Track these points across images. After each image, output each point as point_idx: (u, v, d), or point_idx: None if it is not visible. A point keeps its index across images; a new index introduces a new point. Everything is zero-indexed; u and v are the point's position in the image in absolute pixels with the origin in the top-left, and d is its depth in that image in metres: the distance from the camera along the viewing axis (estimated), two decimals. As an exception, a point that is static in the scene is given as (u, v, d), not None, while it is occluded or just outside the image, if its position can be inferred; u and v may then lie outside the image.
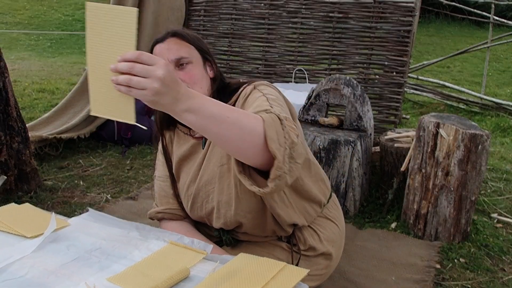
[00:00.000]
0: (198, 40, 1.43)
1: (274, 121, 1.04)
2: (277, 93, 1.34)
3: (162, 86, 0.94)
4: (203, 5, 4.31)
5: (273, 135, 1.02)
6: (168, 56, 1.35)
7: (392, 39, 3.65)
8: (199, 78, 1.38)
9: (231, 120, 1.01)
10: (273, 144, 1.01)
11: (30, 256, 1.17)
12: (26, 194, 2.84)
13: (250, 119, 1.03)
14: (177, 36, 1.39)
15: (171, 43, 1.38)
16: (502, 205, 3.00)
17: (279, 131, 1.03)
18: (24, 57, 7.93)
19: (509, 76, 7.88)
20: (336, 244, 1.63)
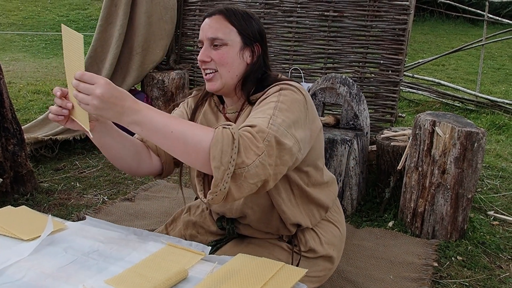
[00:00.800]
0: (245, 23, 1.40)
1: (224, 139, 1.07)
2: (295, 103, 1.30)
3: (101, 103, 1.05)
4: (198, 4, 4.30)
5: (217, 153, 1.05)
6: (206, 34, 1.38)
7: (387, 37, 3.65)
8: (228, 61, 1.38)
9: (175, 135, 1.08)
10: (214, 163, 1.05)
11: (27, 259, 1.16)
12: (22, 197, 2.82)
13: (196, 134, 1.08)
14: (223, 15, 1.39)
15: (214, 21, 1.39)
16: (498, 202, 3.01)
17: (225, 150, 1.06)
18: (19, 58, 7.89)
19: (503, 74, 7.91)
20: (337, 247, 1.63)
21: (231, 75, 1.39)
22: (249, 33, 1.40)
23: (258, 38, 1.42)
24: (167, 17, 4.08)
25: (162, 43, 4.10)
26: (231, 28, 1.38)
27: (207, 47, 1.39)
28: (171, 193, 2.99)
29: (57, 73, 6.81)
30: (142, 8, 3.95)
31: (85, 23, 11.15)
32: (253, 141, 1.11)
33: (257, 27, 1.42)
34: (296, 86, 1.36)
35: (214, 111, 1.52)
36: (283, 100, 1.28)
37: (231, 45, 1.38)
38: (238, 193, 1.10)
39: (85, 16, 11.57)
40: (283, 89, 1.33)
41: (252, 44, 1.41)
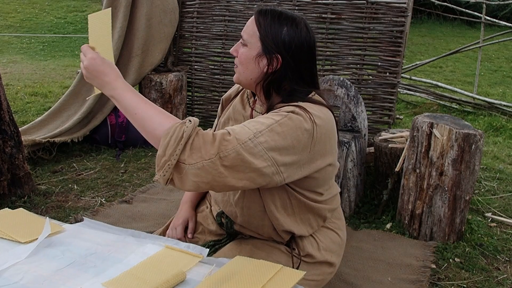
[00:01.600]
0: (272, 30, 1.34)
1: (174, 133, 1.18)
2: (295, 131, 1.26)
3: (86, 72, 1.31)
4: (196, 7, 4.30)
5: (163, 144, 1.18)
6: (243, 29, 1.42)
7: (385, 39, 3.66)
8: (244, 62, 1.41)
9: (138, 117, 1.24)
10: (159, 151, 1.19)
11: (25, 262, 1.16)
12: (20, 199, 2.82)
13: (154, 121, 1.22)
14: (256, 16, 1.40)
15: (251, 19, 1.41)
16: (496, 204, 3.02)
17: (171, 144, 1.17)
18: (16, 61, 7.88)
19: (501, 76, 7.93)
20: (335, 253, 1.61)
21: (245, 76, 1.42)
22: (272, 42, 1.34)
23: (282, 49, 1.34)
24: (166, 20, 4.09)
25: (161, 46, 4.10)
26: (255, 31, 1.38)
27: (240, 42, 1.43)
28: (169, 195, 2.99)
29: (55, 75, 6.80)
30: (142, 11, 3.95)
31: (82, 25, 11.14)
32: (206, 145, 1.18)
33: (285, 38, 1.34)
34: (313, 116, 1.30)
35: (244, 103, 1.56)
36: (282, 123, 1.26)
37: (250, 48, 1.39)
38: (179, 183, 1.20)
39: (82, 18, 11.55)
40: (295, 112, 1.29)
41: (271, 53, 1.35)
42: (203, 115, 4.51)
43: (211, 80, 4.39)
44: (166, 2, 4.06)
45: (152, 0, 3.97)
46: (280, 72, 1.37)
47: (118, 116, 3.84)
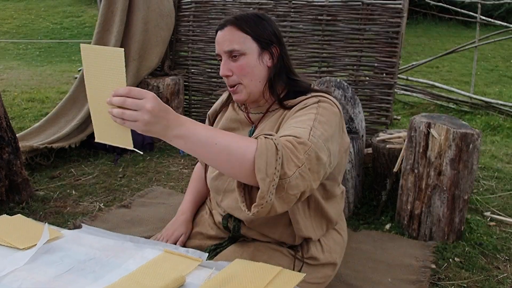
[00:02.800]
0: (258, 27, 1.39)
1: (268, 150, 1.06)
2: (333, 117, 1.31)
3: (151, 117, 1.03)
4: (192, 10, 4.31)
5: (262, 165, 1.04)
6: (222, 47, 1.38)
7: (381, 40, 3.67)
8: (249, 70, 1.39)
9: (219, 147, 1.06)
10: (259, 174, 1.04)
11: (23, 268, 1.15)
12: (18, 205, 2.81)
13: (240, 146, 1.07)
14: (234, 25, 1.38)
15: (227, 33, 1.38)
16: (494, 203, 3.02)
17: (269, 162, 1.05)
18: (13, 67, 7.87)
19: (497, 75, 7.96)
20: (338, 254, 1.62)
21: (254, 83, 1.41)
22: (264, 36, 1.39)
23: (274, 39, 1.41)
24: (162, 24, 4.09)
25: (157, 50, 4.10)
26: (245, 37, 1.38)
27: (226, 60, 1.39)
28: (168, 199, 2.98)
29: (52, 81, 6.79)
30: (139, 15, 3.95)
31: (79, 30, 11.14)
32: (295, 152, 1.10)
33: (270, 29, 1.41)
34: (333, 100, 1.37)
35: (236, 111, 1.55)
36: (322, 113, 1.29)
37: (249, 53, 1.38)
38: (281, 206, 1.09)
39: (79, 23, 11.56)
40: (322, 101, 1.34)
41: (269, 47, 1.41)
42: (201, 119, 4.49)
43: (208, 83, 4.39)
44: (162, 6, 4.06)
45: (149, 4, 3.97)
46: (281, 62, 1.42)
47: (115, 120, 3.83)
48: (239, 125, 1.51)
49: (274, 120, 1.43)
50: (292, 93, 1.43)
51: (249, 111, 1.51)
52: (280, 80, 1.43)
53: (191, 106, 4.51)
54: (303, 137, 1.15)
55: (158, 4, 4.02)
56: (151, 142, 3.95)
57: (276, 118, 1.43)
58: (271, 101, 1.46)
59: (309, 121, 1.24)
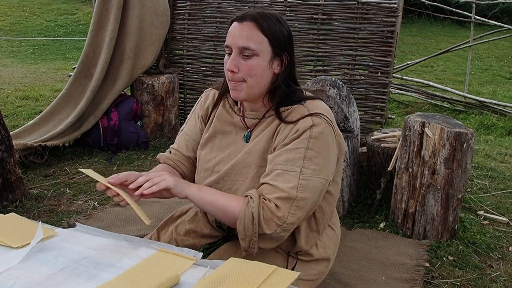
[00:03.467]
0: (278, 32, 1.36)
1: (245, 217, 1.30)
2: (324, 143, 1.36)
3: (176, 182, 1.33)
4: (187, 8, 4.30)
5: (241, 229, 1.31)
6: (237, 41, 1.34)
7: (376, 39, 3.67)
8: (258, 72, 1.36)
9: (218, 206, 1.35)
10: (240, 235, 1.32)
11: (17, 267, 1.15)
12: (12, 204, 2.79)
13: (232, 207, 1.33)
14: (256, 22, 1.34)
15: (245, 28, 1.34)
16: (488, 202, 3.04)
17: (247, 227, 1.30)
18: (7, 64, 7.82)
19: (491, 75, 8.00)
20: (331, 249, 1.62)
21: (258, 86, 1.38)
22: (280, 42, 1.36)
23: (288, 46, 1.39)
24: (157, 22, 4.07)
25: (152, 48, 4.08)
26: (263, 38, 1.34)
27: (236, 55, 1.35)
28: (162, 198, 2.98)
29: (46, 79, 6.76)
30: (134, 13, 3.93)
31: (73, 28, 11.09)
32: (275, 213, 1.30)
33: (286, 34, 1.38)
34: (326, 115, 1.38)
35: (229, 112, 1.51)
36: (313, 146, 1.34)
37: (262, 55, 1.35)
38: (269, 245, 1.36)
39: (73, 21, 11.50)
40: (314, 125, 1.35)
41: (281, 53, 1.38)
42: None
43: (203, 82, 4.38)
44: (157, 4, 4.05)
45: (144, 2, 3.95)
46: (286, 70, 1.41)
47: (110, 119, 3.82)
48: (233, 128, 1.50)
49: (270, 131, 1.42)
50: (286, 100, 1.41)
51: (244, 115, 1.48)
52: (283, 88, 1.40)
53: (186, 104, 4.51)
54: (288, 190, 1.30)
55: (153, 2, 4.01)
56: (146, 140, 3.94)
57: (272, 130, 1.42)
58: (268, 106, 1.44)
59: (299, 161, 1.33)
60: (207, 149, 1.53)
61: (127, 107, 3.93)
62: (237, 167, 1.44)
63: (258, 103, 1.45)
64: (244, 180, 1.43)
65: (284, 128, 1.39)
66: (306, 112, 1.39)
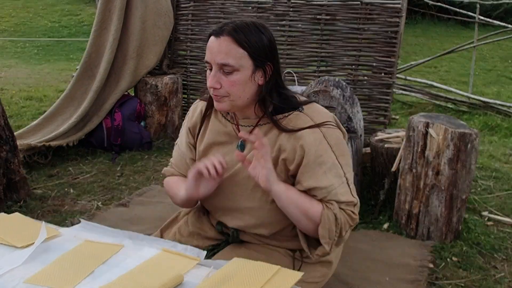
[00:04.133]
0: (256, 43, 1.32)
1: (329, 221, 1.34)
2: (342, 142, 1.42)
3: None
4: (190, 9, 4.30)
5: (325, 233, 1.34)
6: (215, 58, 1.32)
7: (380, 40, 3.67)
8: (240, 87, 1.33)
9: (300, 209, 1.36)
10: (323, 239, 1.35)
11: (21, 267, 1.15)
12: (16, 203, 2.80)
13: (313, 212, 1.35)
14: (232, 37, 1.30)
15: (223, 44, 1.31)
16: (492, 203, 3.03)
17: (331, 229, 1.34)
18: (11, 65, 7.85)
19: (495, 75, 7.96)
20: (335, 252, 1.61)
21: (242, 99, 1.36)
22: (260, 54, 1.33)
23: (270, 56, 1.35)
24: (160, 23, 4.08)
25: (155, 49, 4.09)
26: (241, 52, 1.30)
27: (217, 72, 1.34)
28: (166, 198, 2.97)
29: (50, 79, 6.78)
30: (137, 13, 3.94)
31: (77, 28, 11.12)
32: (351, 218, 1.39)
33: (267, 44, 1.34)
34: (330, 121, 1.40)
35: (222, 122, 1.49)
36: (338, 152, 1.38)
37: (243, 70, 1.32)
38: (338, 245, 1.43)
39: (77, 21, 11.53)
40: (325, 133, 1.37)
41: (263, 64, 1.34)
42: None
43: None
44: (160, 5, 4.06)
45: (146, 3, 3.96)
46: (273, 78, 1.38)
47: (113, 119, 3.83)
48: (228, 138, 1.47)
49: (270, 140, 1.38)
50: (282, 108, 1.40)
51: (238, 123, 1.46)
52: (272, 96, 1.38)
53: (189, 105, 4.50)
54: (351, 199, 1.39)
55: (156, 3, 4.02)
56: (149, 141, 3.95)
57: (272, 138, 1.39)
58: (260, 114, 1.42)
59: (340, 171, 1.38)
60: None
61: (130, 108, 3.93)
62: (237, 177, 1.44)
63: (248, 111, 1.42)
64: (245, 191, 1.43)
65: (287, 138, 1.37)
66: (309, 121, 1.37)
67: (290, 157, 1.37)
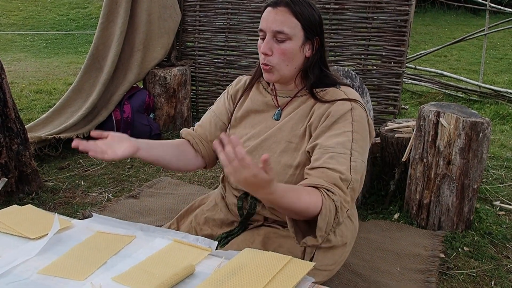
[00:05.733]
0: (310, 16, 1.41)
1: (330, 212, 1.25)
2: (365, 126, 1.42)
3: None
4: (198, 0, 4.28)
5: (323, 225, 1.25)
6: (271, 26, 1.40)
7: (389, 29, 3.63)
8: (290, 56, 1.42)
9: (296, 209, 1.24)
10: (319, 232, 1.25)
11: (35, 258, 1.16)
12: (28, 196, 2.83)
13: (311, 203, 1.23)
14: (289, 8, 1.39)
15: (279, 13, 1.39)
16: (504, 192, 3.00)
17: (329, 222, 1.26)
18: (20, 58, 7.89)
19: (506, 64, 7.87)
20: (348, 239, 1.62)
21: (289, 68, 1.44)
22: (312, 27, 1.42)
23: (319, 31, 1.44)
24: (166, 15, 4.07)
25: (162, 40, 4.09)
26: (296, 23, 1.39)
27: (270, 39, 1.41)
28: (176, 190, 2.99)
29: (59, 72, 6.81)
30: (143, 5, 3.95)
31: (85, 21, 11.14)
32: (345, 198, 1.30)
33: (318, 19, 1.44)
34: (361, 102, 1.44)
35: (262, 93, 1.57)
36: (357, 129, 1.38)
37: (295, 39, 1.40)
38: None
39: (85, 14, 11.56)
40: (354, 108, 1.40)
41: (313, 37, 1.43)
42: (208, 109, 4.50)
43: (215, 74, 4.37)
44: (165, -3, 4.06)
45: (152, -4, 3.97)
46: (317, 53, 1.46)
47: (123, 111, 3.84)
48: (266, 107, 1.55)
49: (304, 109, 1.46)
50: (320, 82, 1.47)
51: (277, 94, 1.53)
52: (314, 70, 1.46)
53: (198, 96, 4.51)
54: (345, 172, 1.31)
55: (161, -5, 4.03)
56: (158, 133, 3.96)
57: (306, 108, 1.46)
58: (300, 86, 1.50)
59: (347, 143, 1.36)
60: (240, 128, 1.58)
61: (139, 100, 3.94)
62: (267, 142, 1.49)
63: (290, 84, 1.50)
64: (272, 155, 1.47)
65: (319, 107, 1.43)
66: (343, 96, 1.44)
67: (315, 122, 1.42)
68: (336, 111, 1.40)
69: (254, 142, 1.51)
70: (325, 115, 1.41)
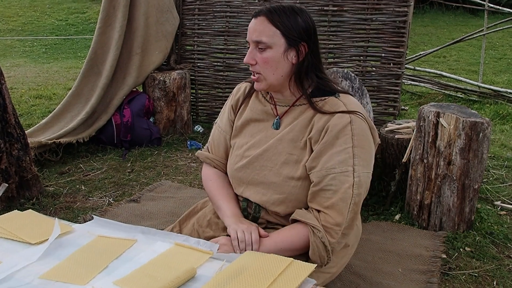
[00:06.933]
0: (290, 23, 1.41)
1: (319, 249, 1.39)
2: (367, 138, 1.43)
3: None
4: (196, 4, 4.29)
5: (316, 260, 1.40)
6: (251, 36, 1.43)
7: (388, 30, 3.64)
8: (272, 64, 1.42)
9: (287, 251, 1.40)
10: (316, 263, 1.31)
11: (36, 263, 1.16)
12: (28, 201, 2.83)
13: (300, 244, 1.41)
14: (266, 16, 1.41)
15: (258, 23, 1.42)
16: (504, 192, 3.00)
17: (321, 256, 1.40)
18: (20, 64, 7.90)
19: (505, 63, 7.87)
20: (351, 241, 1.63)
21: (276, 77, 1.44)
22: (293, 33, 1.41)
23: (304, 37, 1.42)
24: (163, 19, 4.08)
25: (160, 44, 4.09)
26: (274, 31, 1.40)
27: (253, 49, 1.44)
28: (176, 193, 2.99)
29: (58, 77, 6.82)
30: (140, 10, 3.96)
31: (84, 26, 11.16)
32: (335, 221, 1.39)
33: (303, 25, 1.42)
34: (361, 113, 1.43)
35: (262, 102, 1.57)
36: (358, 143, 1.39)
37: (275, 48, 1.41)
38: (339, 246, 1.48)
39: (84, 19, 11.58)
40: (353, 121, 1.40)
41: (297, 44, 1.42)
42: (207, 112, 4.51)
43: (214, 77, 4.38)
44: (161, 2, 4.07)
45: (149, 0, 3.97)
46: (308, 59, 1.45)
47: (123, 115, 3.84)
48: (265, 116, 1.55)
49: (304, 120, 1.45)
50: (318, 90, 1.47)
51: (276, 103, 1.53)
52: (308, 76, 1.46)
53: (197, 100, 4.51)
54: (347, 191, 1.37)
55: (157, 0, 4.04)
56: (158, 136, 3.96)
57: (306, 119, 1.45)
58: (298, 94, 1.49)
59: (349, 160, 1.38)
60: (240, 137, 1.59)
61: (139, 104, 3.95)
62: (268, 153, 1.49)
63: (284, 91, 1.50)
64: (273, 166, 1.47)
65: (319, 119, 1.43)
66: (342, 107, 1.43)
67: (315, 136, 1.42)
68: (335, 126, 1.40)
69: (255, 153, 1.51)
70: (325, 130, 1.41)
